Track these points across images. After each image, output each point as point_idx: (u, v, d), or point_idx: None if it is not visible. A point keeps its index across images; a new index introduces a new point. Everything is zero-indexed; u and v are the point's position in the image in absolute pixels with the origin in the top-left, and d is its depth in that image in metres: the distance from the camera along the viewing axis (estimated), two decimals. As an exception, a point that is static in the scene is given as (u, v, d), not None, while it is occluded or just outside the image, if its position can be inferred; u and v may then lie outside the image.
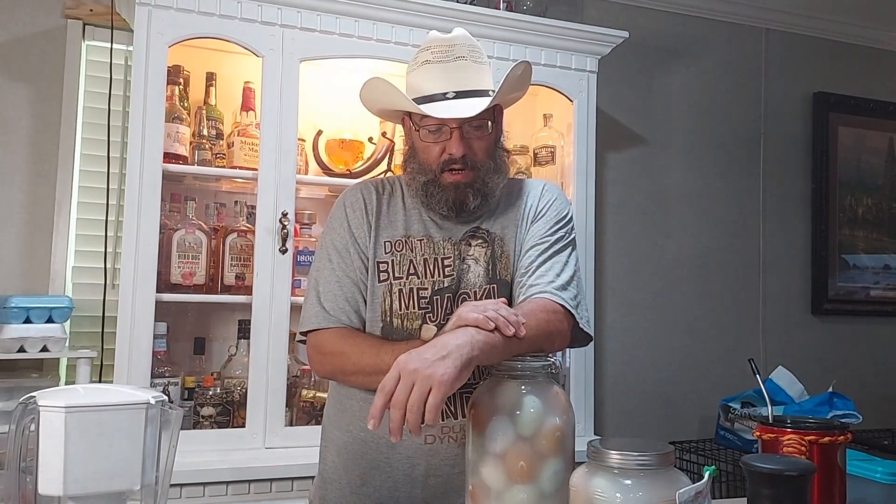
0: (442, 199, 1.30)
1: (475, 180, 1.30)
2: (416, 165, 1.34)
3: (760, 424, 1.20)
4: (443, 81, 1.27)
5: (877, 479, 1.26)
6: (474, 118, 1.26)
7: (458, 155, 1.28)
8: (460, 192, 1.29)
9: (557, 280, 1.28)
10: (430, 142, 1.30)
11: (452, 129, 1.28)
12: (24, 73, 2.20)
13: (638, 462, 0.85)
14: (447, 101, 1.26)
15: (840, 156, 3.19)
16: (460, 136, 1.28)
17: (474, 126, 1.29)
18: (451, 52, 1.28)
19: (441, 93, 1.27)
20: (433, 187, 1.31)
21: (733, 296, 3.01)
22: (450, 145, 1.28)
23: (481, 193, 1.31)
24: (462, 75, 1.28)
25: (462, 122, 1.27)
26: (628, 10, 2.87)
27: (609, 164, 2.82)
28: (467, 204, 1.30)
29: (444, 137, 1.29)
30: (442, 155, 1.29)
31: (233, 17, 2.00)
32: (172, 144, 2.05)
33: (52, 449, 0.90)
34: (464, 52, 1.29)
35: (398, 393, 0.99)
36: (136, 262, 1.89)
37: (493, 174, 1.32)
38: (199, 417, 2.02)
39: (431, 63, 1.29)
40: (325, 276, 1.33)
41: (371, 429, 1.00)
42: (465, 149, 1.28)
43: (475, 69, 1.29)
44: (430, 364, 1.00)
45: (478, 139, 1.30)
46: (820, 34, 3.20)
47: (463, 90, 1.27)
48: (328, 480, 1.37)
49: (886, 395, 3.12)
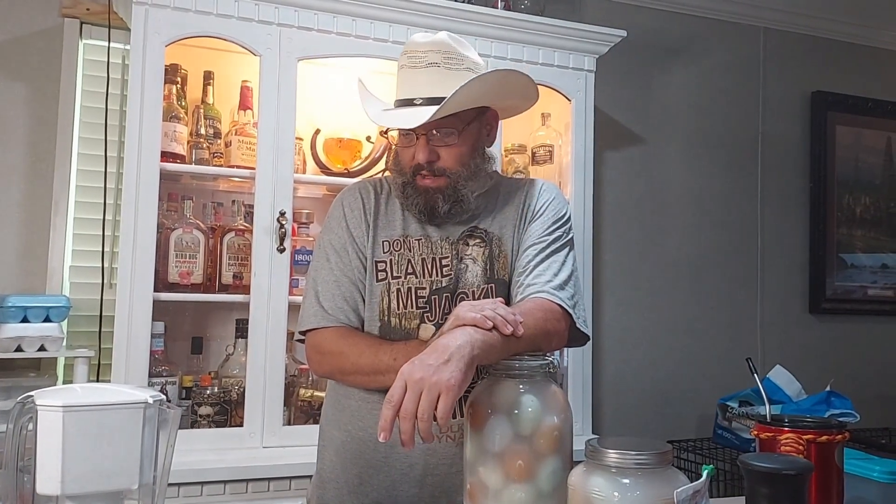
0: (414, 202, 1.31)
1: (445, 186, 1.30)
2: (395, 167, 1.36)
3: (758, 423, 1.20)
4: (412, 87, 1.28)
5: (874, 478, 1.26)
6: (441, 124, 1.26)
7: (423, 161, 1.28)
8: (430, 198, 1.30)
9: (555, 279, 1.28)
10: (402, 146, 1.32)
11: (419, 135, 1.28)
12: (22, 72, 2.20)
13: (636, 461, 0.85)
14: (415, 106, 1.26)
15: (838, 155, 3.19)
16: (426, 142, 1.28)
17: (443, 133, 1.28)
18: (423, 59, 1.28)
19: (409, 98, 1.27)
20: (409, 189, 1.32)
21: (731, 295, 3.02)
22: (416, 151, 1.29)
23: (452, 199, 1.30)
24: (433, 80, 1.27)
25: (427, 130, 1.27)
26: (626, 9, 2.87)
27: (607, 163, 2.82)
28: (437, 209, 1.30)
29: (412, 142, 1.30)
30: (412, 160, 1.30)
31: (230, 16, 1.99)
32: (170, 143, 2.04)
33: (49, 448, 0.90)
34: (437, 59, 1.27)
35: (407, 404, 0.98)
36: (134, 262, 1.89)
37: (467, 181, 1.31)
38: (197, 417, 2.02)
39: (406, 68, 1.30)
40: (323, 275, 1.33)
41: (382, 440, 0.98)
42: (431, 156, 1.28)
43: (449, 76, 1.27)
44: (434, 370, 0.99)
45: (446, 147, 1.29)
46: (818, 33, 3.20)
47: (431, 97, 1.25)
48: (326, 480, 1.37)
49: (884, 394, 3.12)
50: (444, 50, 1.28)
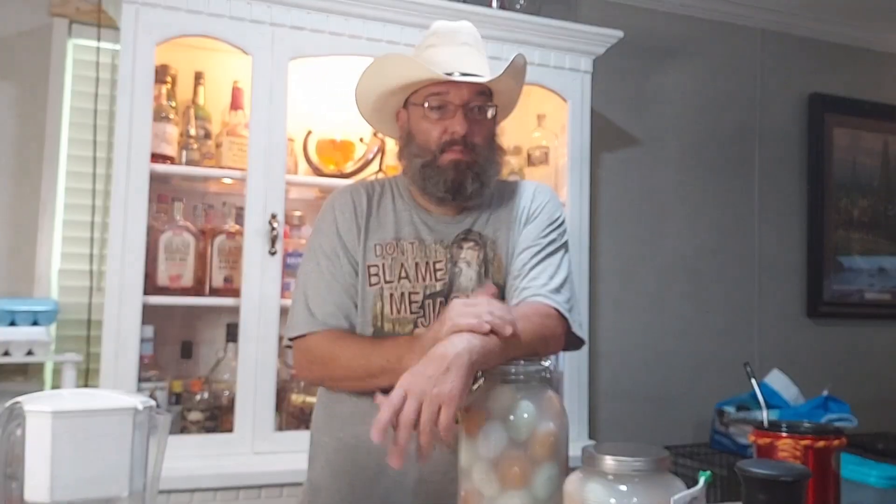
0: (440, 180, 1.28)
1: (474, 163, 1.29)
2: (413, 149, 1.32)
3: (755, 429, 1.20)
4: (450, 62, 1.28)
5: (871, 483, 1.28)
6: (477, 100, 1.29)
7: (461, 133, 1.27)
8: (460, 173, 1.28)
9: (550, 283, 1.27)
10: (435, 118, 1.29)
11: (456, 107, 1.28)
12: (9, 72, 2.17)
13: (633, 467, 0.84)
14: (457, 77, 1.27)
15: (835, 157, 3.19)
16: (463, 115, 1.28)
17: (477, 107, 1.29)
18: (457, 38, 1.31)
19: (447, 73, 1.27)
20: (430, 169, 1.29)
21: (728, 298, 3.01)
22: (452, 123, 1.28)
23: (479, 179, 1.30)
24: (467, 59, 1.29)
25: (465, 102, 1.28)
26: (623, 9, 2.86)
27: (603, 164, 2.81)
28: (465, 186, 1.29)
29: (447, 116, 1.28)
30: (443, 135, 1.28)
31: (221, 16, 1.98)
32: (160, 144, 2.02)
33: (38, 455, 0.88)
34: (469, 40, 1.32)
35: (407, 412, 0.96)
36: (123, 265, 1.87)
37: (491, 163, 1.32)
38: (187, 422, 2.00)
39: (437, 46, 1.31)
40: (313, 280, 1.31)
41: (374, 440, 0.96)
42: (467, 128, 1.28)
43: (479, 56, 1.32)
44: (435, 382, 0.98)
45: (479, 122, 1.30)
46: (816, 35, 3.20)
47: (468, 72, 1.27)
48: (317, 487, 1.35)
49: (881, 398, 3.12)
50: (473, 34, 1.34)
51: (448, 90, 1.27)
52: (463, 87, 1.27)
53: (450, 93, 1.27)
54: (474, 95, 1.28)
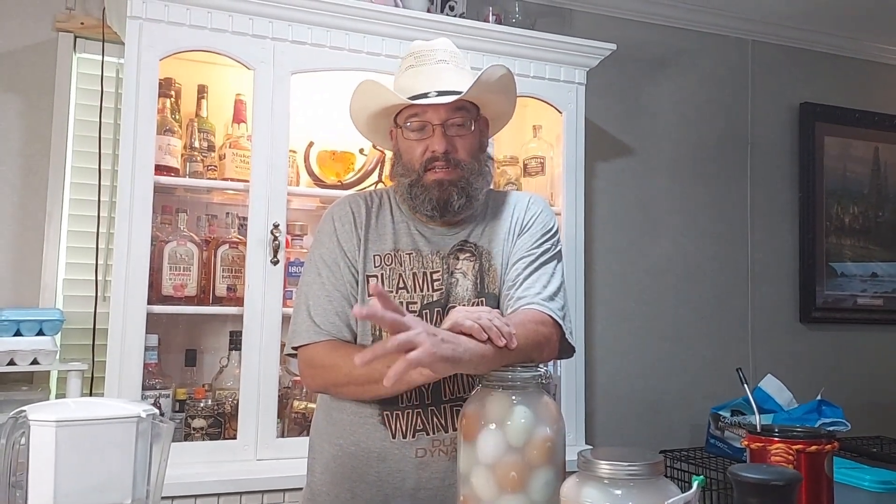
0: (426, 198, 1.31)
1: (459, 179, 1.31)
2: (400, 168, 1.36)
3: (748, 434, 1.21)
4: (425, 82, 1.30)
5: (864, 487, 1.27)
6: (455, 116, 1.30)
7: (440, 151, 1.29)
8: (444, 191, 1.30)
9: (545, 291, 1.29)
10: (414, 140, 1.32)
11: (434, 126, 1.30)
12: (15, 86, 2.20)
13: (628, 472, 0.86)
14: (429, 98, 1.29)
15: (826, 165, 3.22)
16: (442, 132, 1.30)
17: (456, 124, 1.31)
18: (433, 57, 1.33)
19: (423, 93, 1.29)
20: (417, 188, 1.32)
21: (722, 304, 3.03)
22: (432, 142, 1.30)
23: (465, 193, 1.32)
24: (444, 77, 1.31)
25: (443, 120, 1.30)
26: (616, 22, 2.90)
27: (598, 174, 2.84)
28: (451, 203, 1.31)
29: (427, 135, 1.31)
30: (424, 154, 1.31)
31: (224, 31, 2.00)
32: (164, 157, 2.05)
33: (42, 463, 0.89)
34: (445, 57, 1.33)
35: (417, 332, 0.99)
36: (128, 274, 1.89)
37: (478, 176, 1.34)
38: (191, 429, 2.01)
39: (415, 67, 1.33)
40: (314, 290, 1.33)
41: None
42: (447, 145, 1.30)
43: (456, 73, 1.33)
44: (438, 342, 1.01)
45: (460, 137, 1.32)
46: (806, 45, 3.24)
47: (444, 90, 1.29)
48: (317, 493, 1.36)
49: (875, 403, 3.14)
50: (450, 51, 1.35)
51: (426, 110, 1.30)
52: (440, 107, 1.29)
53: (427, 112, 1.30)
54: (452, 112, 1.30)
